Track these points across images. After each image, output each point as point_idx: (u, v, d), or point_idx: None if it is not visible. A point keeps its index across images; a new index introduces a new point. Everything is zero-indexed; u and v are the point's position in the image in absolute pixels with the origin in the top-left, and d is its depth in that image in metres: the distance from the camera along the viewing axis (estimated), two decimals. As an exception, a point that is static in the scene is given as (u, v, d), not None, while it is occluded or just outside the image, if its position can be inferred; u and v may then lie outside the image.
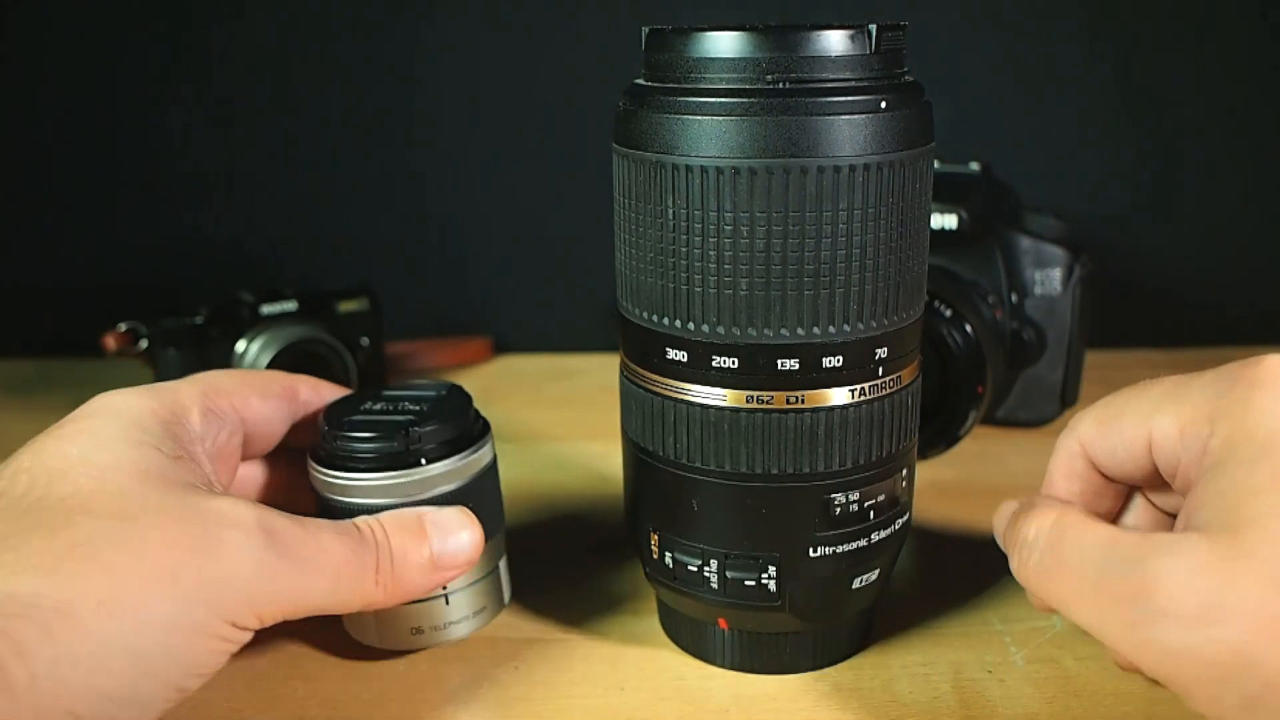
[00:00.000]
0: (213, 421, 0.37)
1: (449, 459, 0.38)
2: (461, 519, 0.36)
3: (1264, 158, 0.72)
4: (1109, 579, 0.27)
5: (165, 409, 0.35)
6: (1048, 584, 0.30)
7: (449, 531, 0.36)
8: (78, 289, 0.75)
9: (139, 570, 0.29)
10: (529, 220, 0.74)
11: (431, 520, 0.36)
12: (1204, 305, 0.74)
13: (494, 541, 0.40)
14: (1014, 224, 0.58)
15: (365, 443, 0.38)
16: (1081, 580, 0.29)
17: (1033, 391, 0.59)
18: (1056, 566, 0.30)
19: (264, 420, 0.39)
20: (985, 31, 0.70)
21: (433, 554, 0.35)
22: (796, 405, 0.34)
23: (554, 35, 0.71)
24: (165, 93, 0.73)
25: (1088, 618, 0.28)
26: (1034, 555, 0.31)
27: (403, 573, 0.34)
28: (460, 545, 0.36)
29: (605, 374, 0.43)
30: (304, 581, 0.32)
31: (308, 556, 0.32)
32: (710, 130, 0.32)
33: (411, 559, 0.35)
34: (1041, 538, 0.31)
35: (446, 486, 0.38)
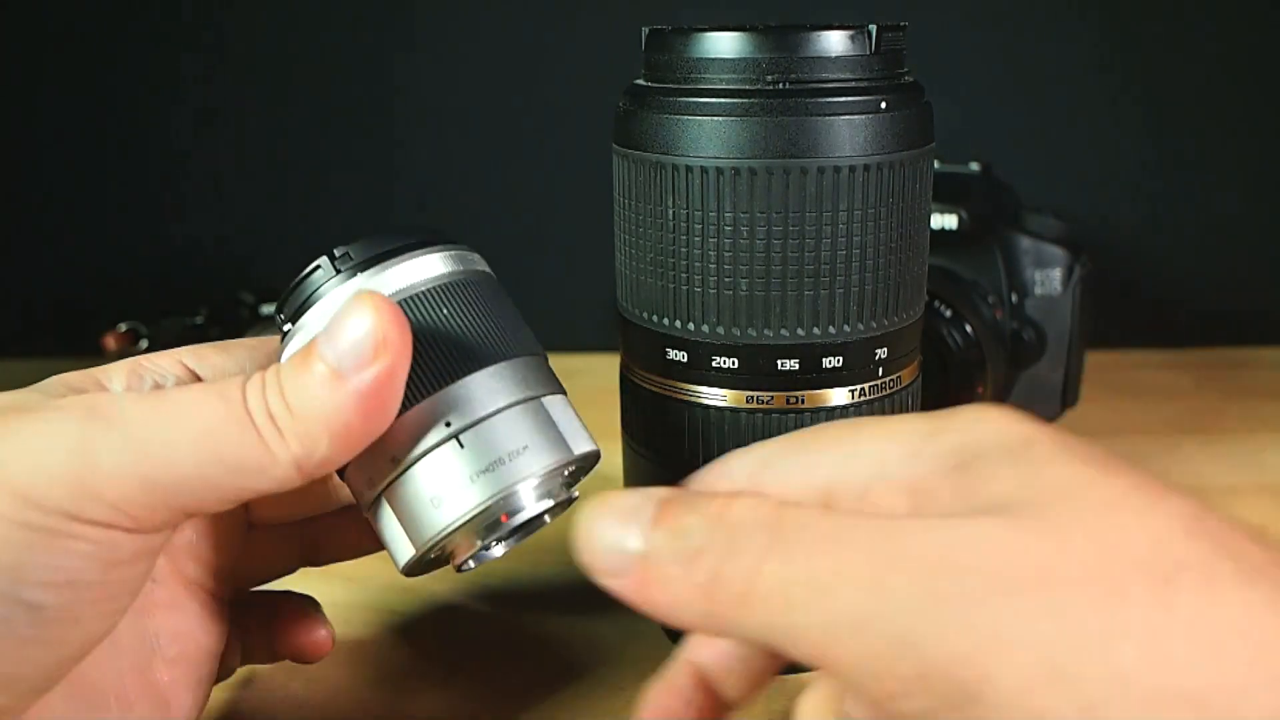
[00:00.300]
0: (142, 377, 0.31)
1: (402, 260, 0.30)
2: (351, 303, 0.27)
3: (1264, 158, 0.72)
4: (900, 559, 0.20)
5: (84, 375, 0.30)
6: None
7: (338, 324, 0.26)
8: (78, 289, 0.75)
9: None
10: (529, 220, 0.74)
11: (323, 331, 0.27)
12: (1204, 305, 0.74)
13: (516, 364, 0.30)
14: (1014, 224, 0.58)
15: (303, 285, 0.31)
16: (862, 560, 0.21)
17: (1033, 391, 0.59)
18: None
19: (230, 372, 0.33)
20: (985, 31, 0.70)
21: (325, 362, 0.26)
22: (797, 405, 0.34)
23: (554, 35, 0.71)
24: (165, 93, 0.73)
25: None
26: (750, 552, 0.22)
27: (299, 403, 0.26)
28: (359, 332, 0.26)
29: (605, 374, 0.43)
30: (152, 449, 0.25)
31: (149, 419, 0.26)
32: (710, 130, 0.32)
33: (304, 381, 0.26)
34: (764, 525, 0.22)
35: (405, 291, 0.30)
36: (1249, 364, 0.71)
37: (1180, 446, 0.57)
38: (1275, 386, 0.67)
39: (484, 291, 0.31)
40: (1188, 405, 0.64)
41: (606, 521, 0.24)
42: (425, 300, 0.30)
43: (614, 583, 0.24)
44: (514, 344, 0.31)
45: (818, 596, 0.20)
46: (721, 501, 0.23)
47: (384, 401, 0.27)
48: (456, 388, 0.29)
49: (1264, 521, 0.49)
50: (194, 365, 0.32)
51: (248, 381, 0.27)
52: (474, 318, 0.30)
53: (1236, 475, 0.54)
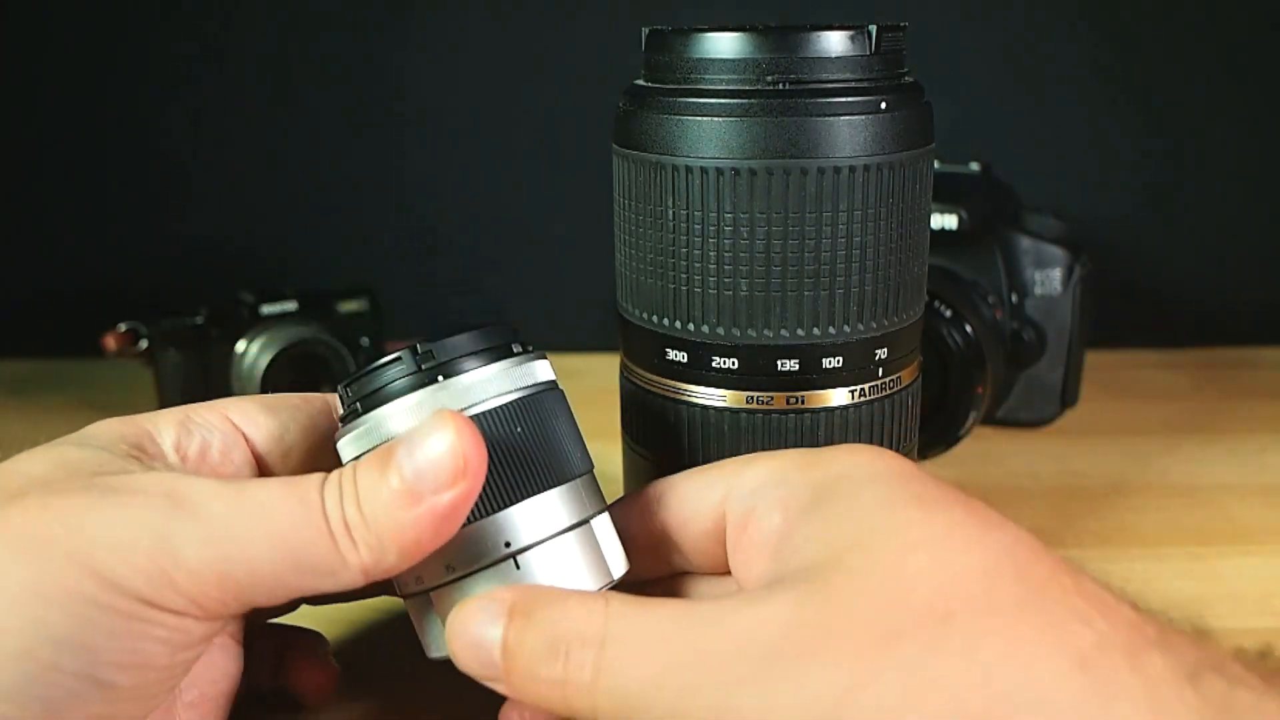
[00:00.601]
0: (191, 431, 0.32)
1: (482, 367, 0.30)
2: (433, 421, 0.27)
3: (1264, 158, 0.72)
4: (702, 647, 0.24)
5: (134, 425, 0.31)
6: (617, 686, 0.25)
7: (420, 441, 0.27)
8: (78, 289, 0.75)
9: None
10: (529, 220, 0.74)
11: (402, 439, 0.27)
12: (1204, 305, 0.74)
13: (575, 486, 0.31)
14: (1014, 224, 0.58)
15: (379, 374, 0.30)
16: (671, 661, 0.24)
17: (1033, 391, 0.59)
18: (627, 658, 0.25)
19: (275, 433, 0.33)
20: (985, 31, 0.70)
21: (403, 478, 0.26)
22: (796, 406, 0.34)
23: (554, 35, 0.71)
24: (165, 93, 0.72)
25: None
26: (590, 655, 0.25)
27: (374, 515, 0.26)
28: (439, 453, 0.26)
29: (605, 374, 0.43)
30: (232, 547, 0.26)
31: (230, 516, 0.26)
32: (710, 131, 0.32)
33: (381, 493, 0.26)
34: (596, 623, 0.25)
35: (484, 403, 0.30)
36: (1249, 364, 0.71)
37: (1180, 446, 0.57)
38: (1275, 386, 0.67)
39: (552, 409, 0.31)
40: (1188, 405, 0.64)
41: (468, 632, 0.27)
42: (502, 416, 0.30)
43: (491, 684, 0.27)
44: (574, 464, 0.31)
45: (645, 703, 0.24)
46: (556, 613, 0.26)
47: (455, 522, 0.27)
48: (521, 507, 0.30)
49: (1264, 522, 0.49)
50: (240, 422, 0.32)
51: (326, 484, 0.27)
52: (544, 437, 0.30)
53: (1236, 475, 0.54)
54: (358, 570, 0.27)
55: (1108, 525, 0.49)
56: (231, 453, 0.32)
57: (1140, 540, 0.48)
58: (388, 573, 0.27)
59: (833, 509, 0.27)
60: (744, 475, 0.30)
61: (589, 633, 0.25)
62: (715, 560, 0.32)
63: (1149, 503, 0.51)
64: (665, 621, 0.25)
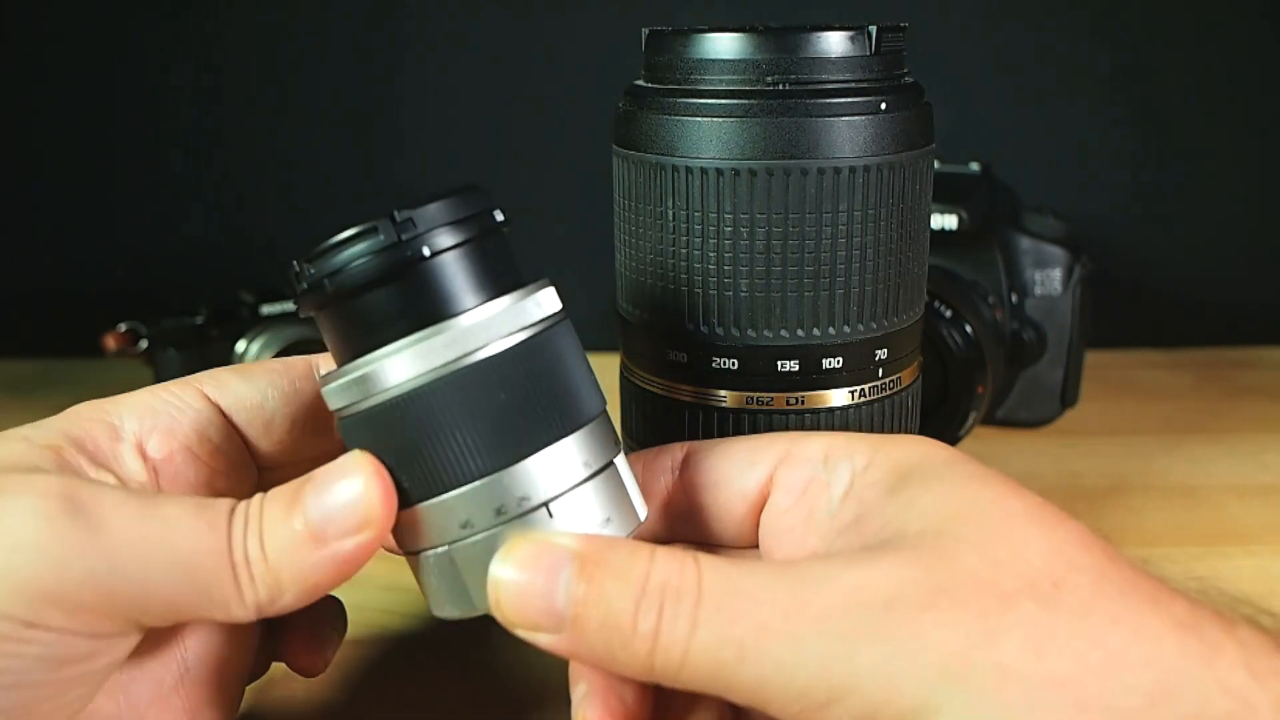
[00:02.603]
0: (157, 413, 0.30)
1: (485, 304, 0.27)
2: (347, 463, 0.26)
3: (1264, 158, 0.72)
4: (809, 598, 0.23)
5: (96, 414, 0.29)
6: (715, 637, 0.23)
7: (327, 484, 0.26)
8: (78, 289, 0.75)
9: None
10: (529, 220, 0.74)
11: (311, 477, 0.26)
12: (1204, 305, 0.74)
13: (592, 429, 0.29)
14: (1014, 224, 0.58)
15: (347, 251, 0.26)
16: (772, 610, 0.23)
17: (1033, 391, 0.59)
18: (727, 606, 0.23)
19: (254, 402, 0.31)
20: (985, 31, 0.70)
21: (308, 521, 0.25)
22: (796, 406, 0.34)
23: (554, 36, 0.71)
24: (164, 93, 0.72)
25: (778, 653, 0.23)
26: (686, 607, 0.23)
27: (276, 554, 0.25)
28: (347, 499, 0.25)
29: (605, 374, 0.43)
30: (128, 567, 0.24)
31: (131, 532, 0.24)
32: (710, 132, 0.32)
33: (284, 533, 0.25)
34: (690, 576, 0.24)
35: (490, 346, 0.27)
36: (1249, 364, 0.71)
37: (1180, 446, 0.57)
38: (1275, 386, 0.67)
39: (564, 345, 0.29)
40: (1188, 405, 0.64)
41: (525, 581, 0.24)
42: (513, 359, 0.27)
43: (540, 641, 0.25)
44: (591, 406, 0.29)
45: (744, 657, 0.23)
46: (643, 565, 0.24)
47: (356, 567, 0.26)
48: (547, 453, 0.27)
49: (1264, 522, 0.49)
50: (214, 394, 0.31)
51: (234, 512, 0.26)
52: (560, 379, 0.28)
53: (1236, 475, 0.54)
54: (252, 606, 0.26)
55: (1108, 525, 0.49)
56: (206, 431, 0.30)
57: (1140, 540, 0.48)
58: (280, 611, 0.26)
59: (922, 484, 0.27)
60: (803, 447, 0.29)
61: (684, 586, 0.24)
62: (737, 531, 0.31)
63: (1149, 503, 0.51)
64: (765, 577, 0.24)
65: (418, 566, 0.29)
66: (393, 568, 0.46)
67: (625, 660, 0.24)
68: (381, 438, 0.27)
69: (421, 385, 0.26)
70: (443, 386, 0.26)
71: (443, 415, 0.26)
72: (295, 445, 0.32)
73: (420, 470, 0.27)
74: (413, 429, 0.26)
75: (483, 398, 0.26)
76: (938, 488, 0.26)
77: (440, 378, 0.26)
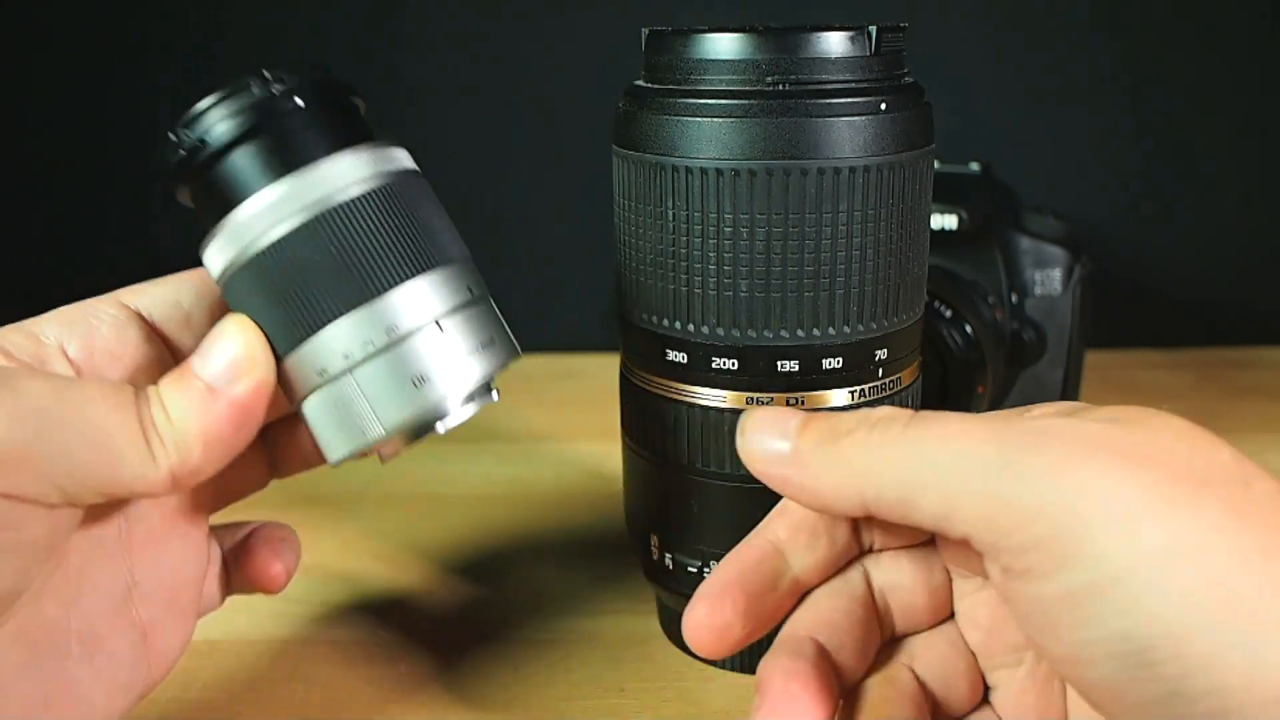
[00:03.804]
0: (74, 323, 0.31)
1: (338, 154, 0.29)
2: (223, 324, 0.29)
3: (1264, 158, 0.72)
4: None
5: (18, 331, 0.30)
6: (913, 461, 0.25)
7: (210, 345, 0.29)
8: (78, 289, 0.74)
9: None
10: (529, 221, 0.74)
11: (196, 352, 0.29)
12: (1204, 305, 0.74)
13: (458, 267, 0.31)
14: (1014, 224, 0.58)
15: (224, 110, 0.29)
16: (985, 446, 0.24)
17: (1033, 391, 0.59)
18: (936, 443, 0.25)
19: (170, 300, 0.33)
20: (985, 31, 0.70)
21: (201, 379, 0.28)
22: (796, 407, 0.34)
23: (554, 36, 0.71)
24: (164, 93, 0.72)
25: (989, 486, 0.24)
26: (901, 419, 0.26)
27: (180, 415, 0.28)
28: (228, 350, 0.29)
29: (605, 374, 0.43)
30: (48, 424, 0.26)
31: (51, 395, 0.27)
32: (710, 132, 0.32)
33: (178, 395, 0.28)
34: (902, 416, 0.26)
35: (355, 184, 0.29)
36: (1249, 364, 0.71)
37: (1180, 446, 0.57)
38: (1275, 386, 0.67)
39: (423, 194, 0.31)
40: (1188, 405, 0.64)
41: (761, 430, 0.27)
42: (367, 202, 0.29)
43: (768, 470, 0.27)
44: (453, 249, 0.31)
45: (945, 457, 0.24)
46: (863, 409, 0.27)
47: (253, 414, 0.29)
48: (436, 272, 0.30)
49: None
50: (131, 300, 0.32)
51: (138, 390, 0.28)
52: (414, 220, 0.30)
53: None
54: (165, 469, 0.28)
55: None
56: (125, 332, 0.31)
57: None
58: (194, 475, 0.28)
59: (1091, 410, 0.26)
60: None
61: (898, 415, 0.26)
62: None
63: (1149, 503, 0.51)
64: (971, 414, 0.26)
65: (308, 417, 0.30)
66: (393, 567, 0.46)
67: (830, 460, 0.26)
68: (253, 294, 0.29)
69: (284, 234, 0.28)
70: (295, 235, 0.28)
71: (297, 263, 0.28)
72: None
73: (287, 320, 0.29)
74: (274, 281, 0.28)
75: (343, 240, 0.28)
76: (1111, 409, 0.26)
77: (302, 224, 0.28)
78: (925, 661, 0.28)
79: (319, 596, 0.44)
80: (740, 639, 0.28)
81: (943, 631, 0.29)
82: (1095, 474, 0.23)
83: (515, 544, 0.45)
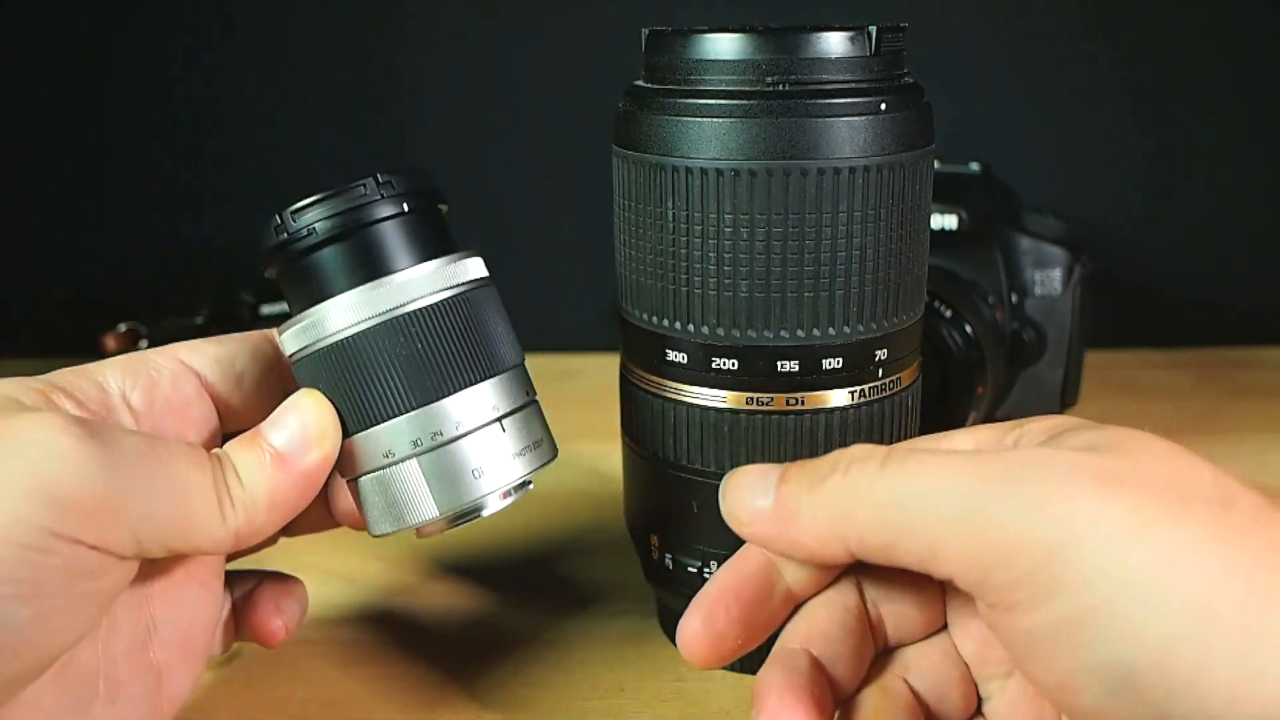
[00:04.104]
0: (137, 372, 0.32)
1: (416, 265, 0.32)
2: (298, 397, 0.31)
3: (1264, 158, 0.72)
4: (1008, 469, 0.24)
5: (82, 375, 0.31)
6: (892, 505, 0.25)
7: (284, 415, 0.31)
8: (78, 289, 0.75)
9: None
10: (529, 221, 0.74)
11: (267, 421, 0.31)
12: (1204, 305, 0.74)
13: (507, 377, 0.33)
14: (1014, 224, 0.58)
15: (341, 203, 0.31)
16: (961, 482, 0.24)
17: (1033, 391, 0.59)
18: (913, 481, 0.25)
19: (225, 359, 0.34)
20: (985, 31, 0.70)
21: (273, 449, 0.30)
22: (796, 407, 0.34)
23: (554, 36, 0.71)
24: (165, 92, 0.73)
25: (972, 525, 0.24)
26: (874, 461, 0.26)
27: (250, 481, 0.30)
28: (301, 423, 0.31)
29: (605, 374, 0.43)
30: (140, 486, 0.27)
31: (141, 456, 0.28)
32: (710, 132, 0.32)
33: (250, 462, 0.30)
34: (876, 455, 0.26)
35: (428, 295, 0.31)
36: (1249, 364, 0.71)
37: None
38: (1275, 386, 0.67)
39: (489, 304, 0.34)
40: (1188, 405, 0.64)
41: (742, 490, 0.28)
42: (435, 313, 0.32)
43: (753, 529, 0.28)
44: (509, 356, 0.33)
45: (924, 498, 0.24)
46: (836, 450, 0.27)
47: (316, 483, 0.31)
48: (462, 395, 0.32)
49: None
50: (189, 360, 0.33)
51: (211, 454, 0.30)
52: (476, 331, 0.32)
53: (1236, 475, 0.54)
54: (231, 529, 0.29)
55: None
56: (182, 387, 0.33)
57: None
58: (256, 535, 0.30)
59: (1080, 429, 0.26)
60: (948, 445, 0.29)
61: (873, 453, 0.26)
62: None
63: (1149, 503, 0.51)
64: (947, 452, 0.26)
65: (357, 492, 0.33)
66: (391, 567, 0.46)
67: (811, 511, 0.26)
68: (325, 377, 0.31)
69: (357, 332, 0.31)
70: (373, 334, 0.31)
71: (373, 358, 0.31)
72: (259, 403, 0.34)
73: (356, 405, 0.31)
74: (349, 369, 0.31)
75: (407, 345, 0.31)
76: (1096, 431, 0.26)
77: (372, 326, 0.31)
78: (919, 672, 0.29)
79: (319, 596, 0.44)
80: (734, 650, 0.28)
81: (936, 642, 0.29)
82: (1075, 503, 0.23)
83: (515, 544, 0.45)
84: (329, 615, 0.43)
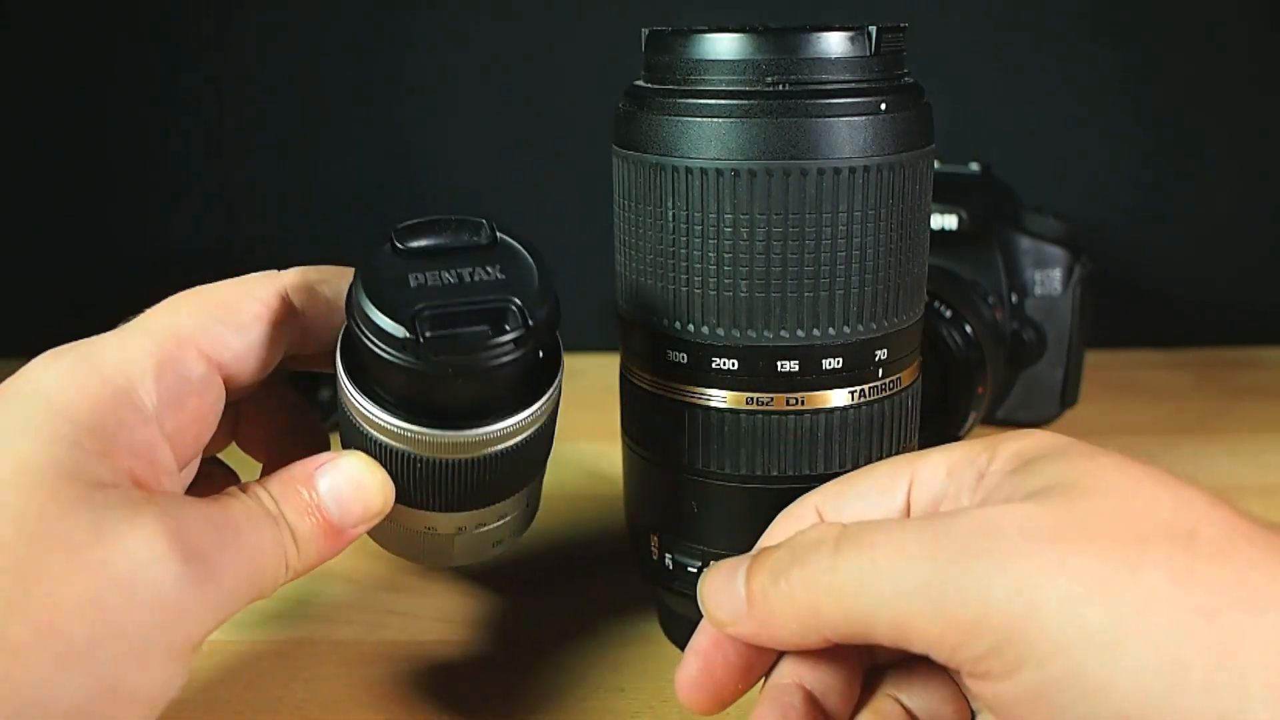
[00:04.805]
0: (174, 389, 0.31)
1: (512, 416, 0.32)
2: (357, 474, 0.31)
3: (1264, 158, 0.72)
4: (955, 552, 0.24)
5: (106, 388, 0.30)
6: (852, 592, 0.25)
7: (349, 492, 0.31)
8: (78, 289, 0.75)
9: (41, 650, 0.24)
10: (529, 221, 0.74)
11: (324, 474, 0.31)
12: (1204, 305, 0.74)
13: (538, 480, 0.37)
14: (1014, 224, 0.58)
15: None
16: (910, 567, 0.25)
17: (1033, 391, 0.59)
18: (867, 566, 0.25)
19: (244, 356, 0.33)
20: (985, 31, 0.70)
21: (330, 520, 0.31)
22: (796, 407, 0.34)
23: (554, 36, 0.71)
24: (165, 92, 0.72)
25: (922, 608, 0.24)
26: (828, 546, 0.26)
27: (306, 547, 0.30)
28: (367, 505, 0.31)
29: (605, 374, 0.43)
30: (230, 590, 0.28)
31: (229, 563, 0.28)
32: (710, 132, 0.32)
33: (307, 530, 0.30)
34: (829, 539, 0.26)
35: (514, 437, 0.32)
36: (1249, 364, 0.71)
37: (1180, 446, 0.57)
38: (1275, 386, 0.67)
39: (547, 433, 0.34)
40: (1188, 405, 0.64)
41: (716, 590, 0.28)
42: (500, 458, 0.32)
43: (736, 630, 0.28)
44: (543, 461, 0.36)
45: (882, 577, 0.25)
46: (794, 535, 0.28)
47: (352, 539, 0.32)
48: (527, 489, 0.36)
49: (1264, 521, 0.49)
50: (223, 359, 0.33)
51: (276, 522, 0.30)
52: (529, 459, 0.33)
53: (1236, 475, 0.54)
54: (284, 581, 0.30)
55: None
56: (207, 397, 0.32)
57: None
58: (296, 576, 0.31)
59: (1045, 460, 0.27)
60: (924, 467, 0.30)
61: (827, 535, 0.26)
62: None
63: (1149, 503, 0.51)
64: (900, 522, 0.27)
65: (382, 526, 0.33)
66: (392, 567, 0.46)
67: (781, 606, 0.27)
68: (398, 466, 0.32)
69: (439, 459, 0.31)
70: (444, 464, 0.31)
71: (436, 479, 0.32)
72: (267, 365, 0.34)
73: (415, 493, 0.32)
74: (422, 477, 0.32)
75: (469, 476, 0.32)
76: (1060, 460, 0.27)
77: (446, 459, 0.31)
78: (910, 690, 0.29)
79: (319, 597, 0.44)
80: (736, 695, 0.29)
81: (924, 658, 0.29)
82: (1028, 572, 0.23)
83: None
84: (329, 615, 0.43)
